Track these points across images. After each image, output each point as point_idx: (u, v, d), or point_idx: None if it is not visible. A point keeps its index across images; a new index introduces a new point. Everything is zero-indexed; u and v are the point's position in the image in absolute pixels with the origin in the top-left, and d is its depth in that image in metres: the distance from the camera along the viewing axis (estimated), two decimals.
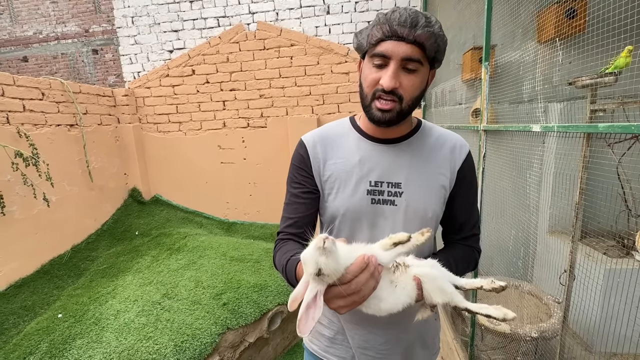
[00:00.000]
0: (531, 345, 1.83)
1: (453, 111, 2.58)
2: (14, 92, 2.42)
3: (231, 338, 2.04)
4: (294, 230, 0.84)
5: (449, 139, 0.82)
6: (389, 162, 0.79)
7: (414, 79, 0.70)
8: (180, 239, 3.05)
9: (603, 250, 1.92)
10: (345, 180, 0.80)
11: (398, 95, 0.70)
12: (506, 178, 1.72)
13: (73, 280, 2.56)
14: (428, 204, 0.78)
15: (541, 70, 1.36)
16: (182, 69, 3.44)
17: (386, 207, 0.78)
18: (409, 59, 0.67)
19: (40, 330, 1.94)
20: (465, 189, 0.82)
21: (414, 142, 0.81)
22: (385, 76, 0.69)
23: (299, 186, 0.85)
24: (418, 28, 0.65)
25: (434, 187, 0.79)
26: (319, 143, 0.84)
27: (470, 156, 0.82)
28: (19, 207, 2.39)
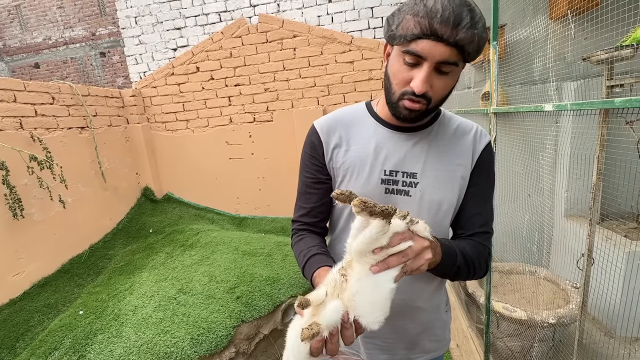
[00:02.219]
0: (548, 331, 1.79)
1: (462, 96, 2.51)
2: (26, 98, 2.48)
3: (246, 330, 2.07)
4: (308, 220, 0.84)
5: (470, 127, 0.78)
6: (405, 150, 0.75)
7: (446, 80, 0.64)
8: (193, 235, 3.10)
9: (624, 232, 1.85)
10: (359, 168, 0.77)
11: (428, 97, 0.65)
12: (518, 161, 1.67)
13: (92, 278, 2.64)
14: (444, 195, 0.74)
15: (553, 47, 1.29)
16: (187, 67, 3.45)
17: (400, 197, 0.75)
18: (445, 62, 0.61)
19: (63, 327, 2.01)
20: (480, 180, 0.76)
21: (433, 131, 0.76)
22: (417, 79, 0.63)
23: (311, 176, 0.83)
24: (461, 29, 0.58)
25: (451, 178, 0.75)
26: (332, 128, 0.80)
27: (489, 147, 0.77)
28: (37, 210, 2.47)
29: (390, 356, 0.86)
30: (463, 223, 0.78)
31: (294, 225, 0.88)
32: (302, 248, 0.78)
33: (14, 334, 2.03)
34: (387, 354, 0.86)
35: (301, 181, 0.86)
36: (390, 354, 0.86)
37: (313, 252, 0.74)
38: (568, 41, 1.38)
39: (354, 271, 0.56)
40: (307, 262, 0.73)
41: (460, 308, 2.39)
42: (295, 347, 0.55)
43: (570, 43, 1.41)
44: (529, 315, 1.78)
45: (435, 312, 0.85)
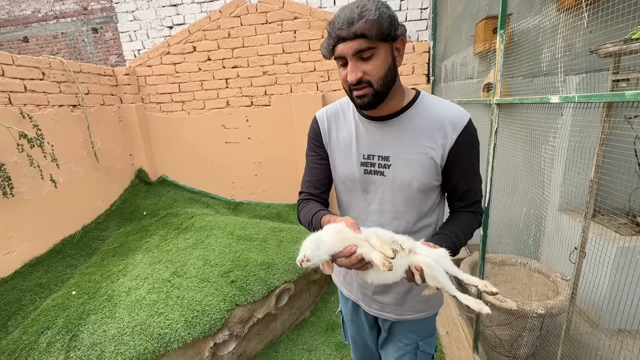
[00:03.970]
0: (537, 321, 1.84)
1: (464, 86, 2.47)
2: (14, 72, 2.38)
3: (240, 314, 2.09)
4: (312, 190, 1.00)
5: (444, 116, 0.86)
6: (379, 137, 0.90)
7: (373, 62, 0.78)
8: (188, 219, 3.08)
9: (615, 228, 1.88)
10: (345, 151, 0.94)
11: (366, 81, 0.79)
12: (519, 154, 1.66)
13: (85, 259, 2.62)
14: (413, 175, 0.87)
15: (562, 38, 1.26)
16: (183, 46, 3.35)
17: (376, 177, 0.91)
18: (359, 51, 0.76)
19: (56, 307, 2.00)
20: (464, 162, 0.87)
21: (404, 118, 0.88)
22: (348, 73, 0.79)
23: (314, 154, 1.00)
24: (354, 24, 0.73)
25: (421, 160, 0.86)
26: (327, 119, 0.99)
27: (467, 129, 0.85)
28: (28, 189, 2.41)
29: (380, 307, 1.05)
30: (457, 197, 0.93)
31: (300, 196, 1.03)
32: (308, 209, 0.94)
33: (5, 312, 2.02)
34: (378, 305, 1.05)
35: (307, 160, 1.04)
36: (380, 305, 1.04)
37: (317, 209, 0.91)
38: (576, 33, 1.35)
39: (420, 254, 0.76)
40: (314, 215, 0.89)
41: (451, 297, 2.43)
42: (329, 245, 0.72)
43: (578, 34, 1.38)
44: (519, 306, 1.82)
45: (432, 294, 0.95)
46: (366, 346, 1.26)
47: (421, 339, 1.08)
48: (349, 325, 1.26)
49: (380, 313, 1.07)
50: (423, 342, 1.08)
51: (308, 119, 3.53)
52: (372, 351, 1.27)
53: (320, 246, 0.72)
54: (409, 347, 1.08)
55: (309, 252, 0.71)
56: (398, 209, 0.91)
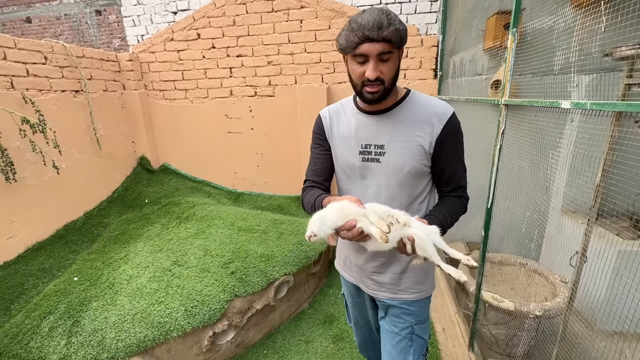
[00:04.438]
0: (533, 322, 1.85)
1: (471, 82, 2.43)
2: (16, 56, 2.36)
3: (239, 305, 2.11)
4: (315, 178, 1.13)
5: (431, 109, 0.99)
6: (375, 129, 1.02)
7: (389, 65, 0.90)
8: (189, 208, 3.09)
9: (616, 231, 1.87)
10: (345, 144, 1.07)
11: (380, 80, 0.91)
12: (525, 157, 1.64)
13: (87, 245, 2.64)
14: (405, 161, 0.99)
15: (575, 38, 1.23)
16: (187, 33, 3.29)
17: (373, 164, 1.03)
18: (382, 53, 0.86)
19: (58, 292, 2.03)
20: (449, 150, 0.99)
21: (397, 112, 1.01)
22: (368, 70, 0.88)
23: (318, 146, 1.14)
24: (384, 29, 0.83)
25: (412, 147, 0.98)
26: (330, 116, 1.12)
27: (450, 121, 0.97)
28: (30, 174, 2.42)
29: (377, 287, 1.17)
30: (445, 182, 1.05)
31: (304, 184, 1.15)
32: (311, 194, 1.06)
33: (8, 296, 2.05)
34: (375, 285, 1.17)
35: (311, 152, 1.17)
36: (377, 285, 1.16)
37: (320, 194, 1.04)
38: (590, 33, 1.31)
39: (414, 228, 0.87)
40: (316, 199, 1.01)
41: (449, 294, 2.45)
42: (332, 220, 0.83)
43: (591, 35, 1.34)
44: (516, 307, 1.83)
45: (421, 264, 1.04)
46: (368, 326, 1.38)
47: (417, 323, 1.17)
48: (351, 307, 1.37)
49: (377, 293, 1.18)
50: (418, 326, 1.17)
51: (312, 111, 3.51)
52: (372, 331, 1.38)
53: (324, 222, 0.83)
54: (405, 332, 1.17)
55: (315, 228, 0.83)
56: (392, 192, 1.03)
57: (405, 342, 1.17)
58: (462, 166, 1.05)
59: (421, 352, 1.19)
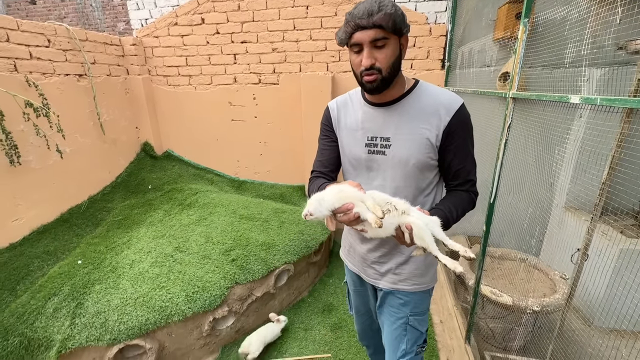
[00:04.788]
0: (530, 317, 1.85)
1: (478, 74, 2.37)
2: (19, 38, 2.34)
3: (239, 292, 2.14)
4: (322, 169, 1.14)
5: (438, 101, 0.97)
6: (381, 121, 1.01)
7: (385, 51, 0.89)
8: (192, 195, 3.10)
9: (620, 229, 1.85)
10: (351, 136, 1.07)
11: (377, 68, 0.90)
12: (530, 152, 1.61)
13: (91, 229, 2.68)
14: (411, 153, 0.98)
15: (589, 30, 1.18)
16: (191, 17, 3.24)
17: (378, 156, 1.03)
18: (375, 40, 0.87)
19: (62, 275, 2.07)
20: (457, 142, 0.97)
21: (403, 104, 0.99)
22: (362, 59, 0.89)
23: (325, 138, 1.15)
24: (374, 15, 0.84)
25: (417, 139, 0.97)
26: (337, 108, 1.13)
27: (459, 113, 0.95)
28: (35, 158, 2.43)
29: (379, 276, 1.18)
30: (452, 176, 1.03)
31: (312, 174, 1.17)
32: (317, 183, 1.07)
33: (14, 277, 2.09)
34: (377, 274, 1.18)
35: (319, 143, 1.18)
36: (378, 274, 1.18)
37: (325, 182, 1.06)
38: (604, 24, 1.26)
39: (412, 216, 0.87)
40: (320, 186, 1.01)
41: (448, 287, 2.46)
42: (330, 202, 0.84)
43: (606, 27, 1.29)
44: (514, 301, 1.83)
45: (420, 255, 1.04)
46: (369, 314, 1.40)
47: (412, 314, 1.18)
48: (353, 295, 1.39)
49: (377, 282, 1.19)
50: (414, 317, 1.18)
51: (316, 100, 3.47)
52: (373, 319, 1.40)
53: (322, 203, 0.84)
54: (400, 321, 1.19)
55: (312, 208, 0.85)
56: (397, 184, 1.03)
57: (400, 331, 1.19)
58: (470, 160, 1.02)
59: (416, 342, 1.20)
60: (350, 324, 2.34)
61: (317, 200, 0.85)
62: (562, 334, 1.65)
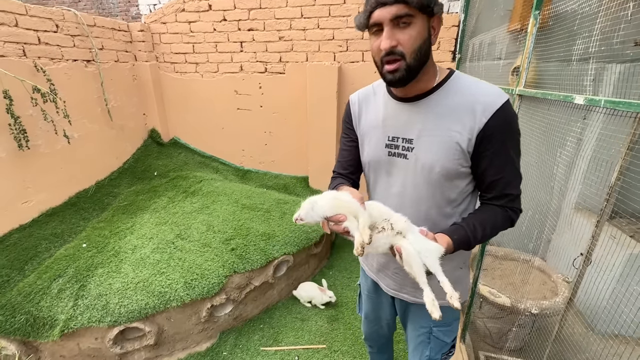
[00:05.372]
0: (528, 319, 1.82)
1: (489, 67, 2.28)
2: (28, 23, 2.36)
3: (237, 280, 2.17)
4: (341, 170, 1.06)
5: (475, 97, 0.80)
6: (405, 119, 0.87)
7: (409, 32, 0.74)
8: (196, 183, 3.14)
9: (631, 232, 1.78)
10: (372, 134, 0.95)
11: (399, 52, 0.75)
12: (535, 152, 1.55)
13: (97, 213, 2.75)
14: (436, 159, 0.83)
15: (601, 24, 1.11)
16: (198, 3, 3.20)
17: (399, 159, 0.90)
18: (397, 17, 0.73)
19: (67, 257, 2.14)
20: (494, 148, 0.80)
21: (433, 99, 0.84)
22: (382, 40, 0.75)
23: (345, 136, 1.05)
24: None
25: (445, 143, 0.82)
26: (359, 101, 1.00)
27: (500, 112, 0.78)
28: (43, 142, 2.49)
29: (398, 287, 1.07)
30: (486, 187, 0.86)
31: (333, 175, 1.09)
32: (333, 185, 1.01)
33: (23, 257, 2.17)
34: (396, 285, 1.07)
35: (340, 142, 1.08)
36: (398, 285, 1.07)
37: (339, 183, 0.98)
38: (620, 19, 1.18)
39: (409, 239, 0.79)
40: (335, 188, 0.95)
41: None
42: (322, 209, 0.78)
43: (621, 21, 1.21)
44: (512, 303, 1.80)
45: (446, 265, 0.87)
46: (378, 323, 1.30)
47: (436, 325, 1.08)
48: (365, 300, 1.30)
49: (398, 293, 1.09)
50: (437, 328, 1.08)
51: (322, 90, 3.41)
52: (383, 329, 1.31)
53: (315, 208, 0.78)
54: (423, 330, 1.09)
55: (303, 212, 0.79)
56: (419, 194, 0.89)
57: (423, 339, 1.11)
58: (511, 170, 0.84)
59: (440, 351, 1.10)
60: (347, 316, 2.36)
61: (310, 204, 0.79)
62: (561, 337, 1.62)
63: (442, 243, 0.77)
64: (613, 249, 1.51)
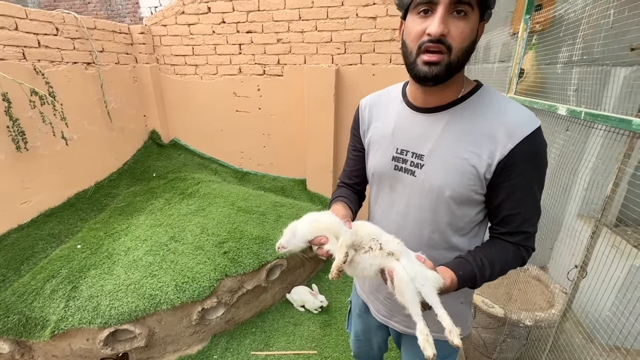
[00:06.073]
0: (523, 330, 1.77)
1: (486, 71, 2.23)
2: (28, 26, 2.40)
3: (229, 284, 2.17)
4: (346, 180, 1.01)
5: (501, 118, 0.69)
6: (419, 131, 0.77)
7: (464, 25, 0.63)
8: (194, 185, 3.15)
9: (635, 242, 1.72)
10: (379, 144, 0.86)
11: (447, 44, 0.64)
12: None
13: (95, 214, 2.78)
14: (447, 182, 0.73)
15: (613, 26, 1.06)
16: (198, 6, 3.22)
17: (406, 175, 0.80)
18: (458, 2, 0.61)
19: (62, 258, 2.16)
20: (516, 180, 0.70)
21: (454, 113, 0.73)
22: (432, 23, 0.63)
23: (352, 144, 0.98)
24: None
25: (459, 165, 0.72)
26: (369, 106, 0.91)
27: (529, 141, 0.67)
28: (42, 144, 2.52)
29: (389, 315, 0.99)
30: (499, 221, 0.76)
31: (338, 184, 1.04)
32: (335, 194, 0.96)
33: (20, 257, 2.20)
34: (387, 312, 1.00)
35: (348, 150, 1.02)
36: (389, 313, 0.99)
37: (338, 195, 0.94)
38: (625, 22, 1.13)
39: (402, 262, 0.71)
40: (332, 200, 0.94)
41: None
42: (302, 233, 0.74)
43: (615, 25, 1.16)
44: (506, 314, 1.75)
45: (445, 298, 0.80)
46: (369, 345, 1.23)
47: None
48: (355, 319, 1.22)
49: (388, 321, 1.01)
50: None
51: (320, 93, 3.38)
52: (374, 350, 1.24)
53: (295, 234, 0.75)
54: (419, 357, 1.00)
55: (284, 240, 0.76)
56: (424, 216, 0.80)
57: None
58: (531, 206, 0.74)
59: None
60: (340, 321, 2.34)
61: (291, 230, 0.76)
62: (557, 349, 1.57)
63: (444, 277, 0.68)
64: (615, 258, 1.45)
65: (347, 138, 3.44)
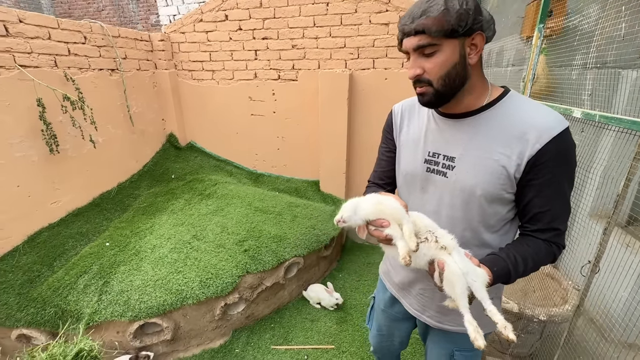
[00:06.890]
0: (537, 326, 1.83)
1: (498, 74, 2.30)
2: (59, 36, 2.53)
3: (250, 280, 2.26)
4: (376, 180, 1.05)
5: (530, 120, 0.74)
6: (449, 135, 0.84)
7: (434, 60, 0.74)
8: (211, 186, 3.26)
9: None
10: (411, 147, 0.93)
11: (425, 80, 0.77)
12: None
13: (119, 214, 2.89)
14: (478, 182, 0.79)
15: (598, 38, 1.13)
16: (215, 14, 3.34)
17: (438, 177, 0.86)
18: (419, 47, 0.74)
19: (92, 255, 2.27)
20: (545, 177, 0.74)
21: (481, 118, 0.80)
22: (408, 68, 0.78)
23: (384, 146, 1.04)
24: (415, 21, 0.72)
25: (490, 166, 0.77)
26: (402, 112, 0.98)
27: (557, 141, 0.72)
28: (71, 147, 2.65)
29: (421, 309, 1.04)
30: (529, 218, 0.80)
31: (367, 185, 1.09)
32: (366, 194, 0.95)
33: (52, 254, 2.32)
34: (419, 307, 1.04)
35: (379, 151, 1.07)
36: (421, 307, 1.04)
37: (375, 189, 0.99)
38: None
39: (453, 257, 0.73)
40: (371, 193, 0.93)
41: None
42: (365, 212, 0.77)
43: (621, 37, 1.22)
44: (520, 309, 1.81)
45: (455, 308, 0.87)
46: (390, 339, 1.27)
47: (458, 349, 1.02)
48: (379, 314, 1.26)
49: (421, 315, 1.05)
50: (460, 353, 1.02)
51: (333, 97, 3.48)
52: (394, 345, 1.28)
53: (357, 211, 0.77)
54: (444, 352, 1.06)
55: (346, 214, 0.77)
56: (455, 214, 0.85)
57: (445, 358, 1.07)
58: (561, 203, 0.77)
59: None
60: (356, 318, 2.40)
61: (353, 206, 0.78)
62: (572, 344, 1.62)
63: None
64: (627, 255, 1.50)
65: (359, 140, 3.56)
